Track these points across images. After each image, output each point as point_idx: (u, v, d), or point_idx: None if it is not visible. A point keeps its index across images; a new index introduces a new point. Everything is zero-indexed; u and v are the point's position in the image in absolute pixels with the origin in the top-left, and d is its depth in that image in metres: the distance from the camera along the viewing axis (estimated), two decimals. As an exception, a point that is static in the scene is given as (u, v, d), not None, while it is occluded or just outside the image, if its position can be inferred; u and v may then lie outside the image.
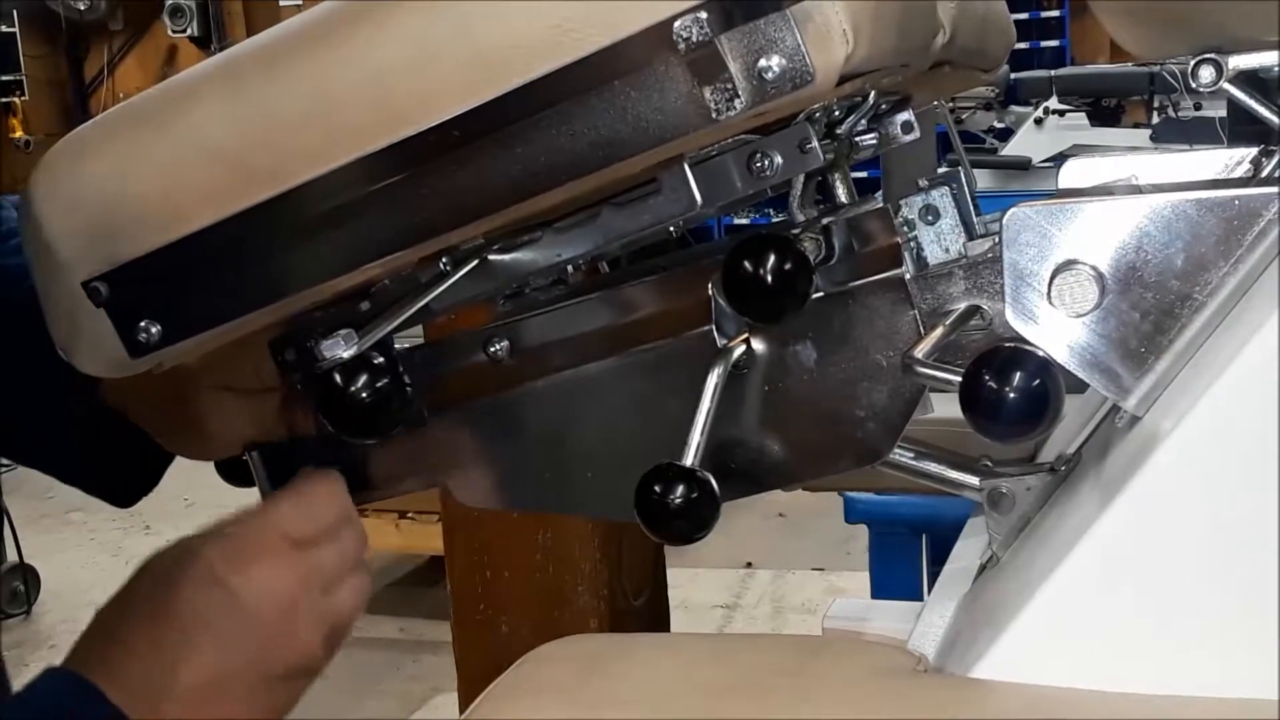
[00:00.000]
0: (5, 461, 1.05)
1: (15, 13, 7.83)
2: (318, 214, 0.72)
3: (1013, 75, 5.54)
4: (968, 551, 0.86)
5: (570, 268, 0.82)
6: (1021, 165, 5.30)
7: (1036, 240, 0.69)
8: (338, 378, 0.78)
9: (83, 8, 7.95)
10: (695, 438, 0.73)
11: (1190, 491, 0.67)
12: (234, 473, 0.97)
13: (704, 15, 0.63)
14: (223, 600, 0.76)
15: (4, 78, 7.94)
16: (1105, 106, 5.71)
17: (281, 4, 6.93)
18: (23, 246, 0.79)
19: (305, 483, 0.83)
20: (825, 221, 0.78)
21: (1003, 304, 0.71)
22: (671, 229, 0.79)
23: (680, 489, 0.71)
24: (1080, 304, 0.69)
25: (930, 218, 0.81)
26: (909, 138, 0.92)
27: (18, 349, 0.84)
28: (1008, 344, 0.69)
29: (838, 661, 0.78)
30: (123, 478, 1.01)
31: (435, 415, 0.86)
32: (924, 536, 2.23)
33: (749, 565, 4.30)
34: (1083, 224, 0.69)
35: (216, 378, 0.93)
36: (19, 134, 7.92)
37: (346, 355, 0.78)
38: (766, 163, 0.72)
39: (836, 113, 0.79)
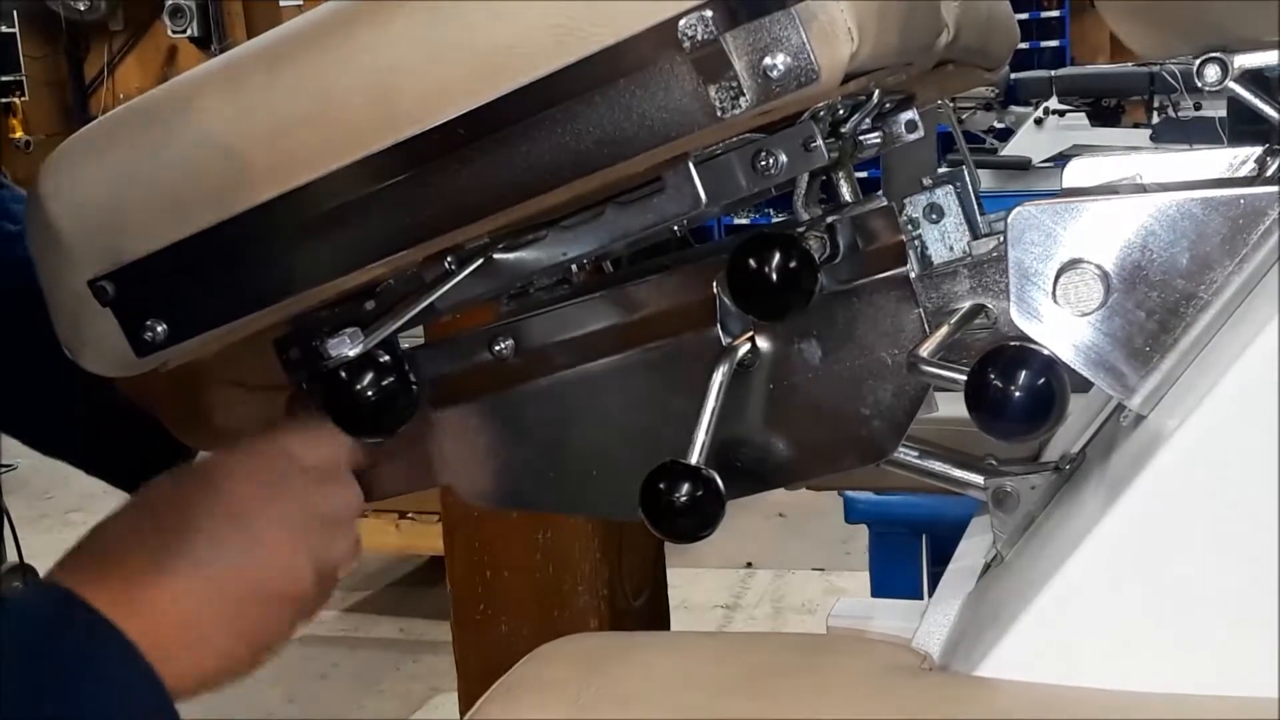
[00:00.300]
0: (6, 462, 1.05)
1: (15, 13, 7.83)
2: (322, 213, 0.72)
3: (1013, 75, 5.54)
4: (972, 550, 0.86)
5: (575, 267, 0.82)
6: (1021, 165, 5.30)
7: (1041, 239, 0.69)
8: (343, 376, 0.78)
9: (83, 8, 7.95)
10: (700, 436, 0.73)
11: (1194, 490, 0.67)
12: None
13: (709, 14, 0.63)
14: (219, 506, 0.74)
15: (4, 78, 7.95)
16: (1105, 106, 5.72)
17: (282, 4, 6.93)
18: (29, 246, 0.79)
19: (314, 421, 0.81)
20: (830, 220, 0.78)
21: (1008, 303, 0.71)
22: (675, 228, 0.79)
23: (685, 487, 0.71)
24: (1085, 303, 0.69)
25: (934, 216, 0.81)
26: (913, 136, 0.92)
27: (36, 336, 0.84)
28: (1013, 343, 0.69)
29: (842, 660, 0.78)
30: (145, 469, 1.01)
31: (440, 414, 0.86)
32: (924, 536, 2.23)
33: (749, 565, 4.30)
34: (1087, 223, 0.69)
35: (229, 372, 0.93)
36: (19, 134, 7.92)
37: (352, 354, 0.78)
38: (771, 161, 0.72)
39: (840, 111, 0.80)
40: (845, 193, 0.84)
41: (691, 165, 0.73)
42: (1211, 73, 0.72)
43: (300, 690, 3.70)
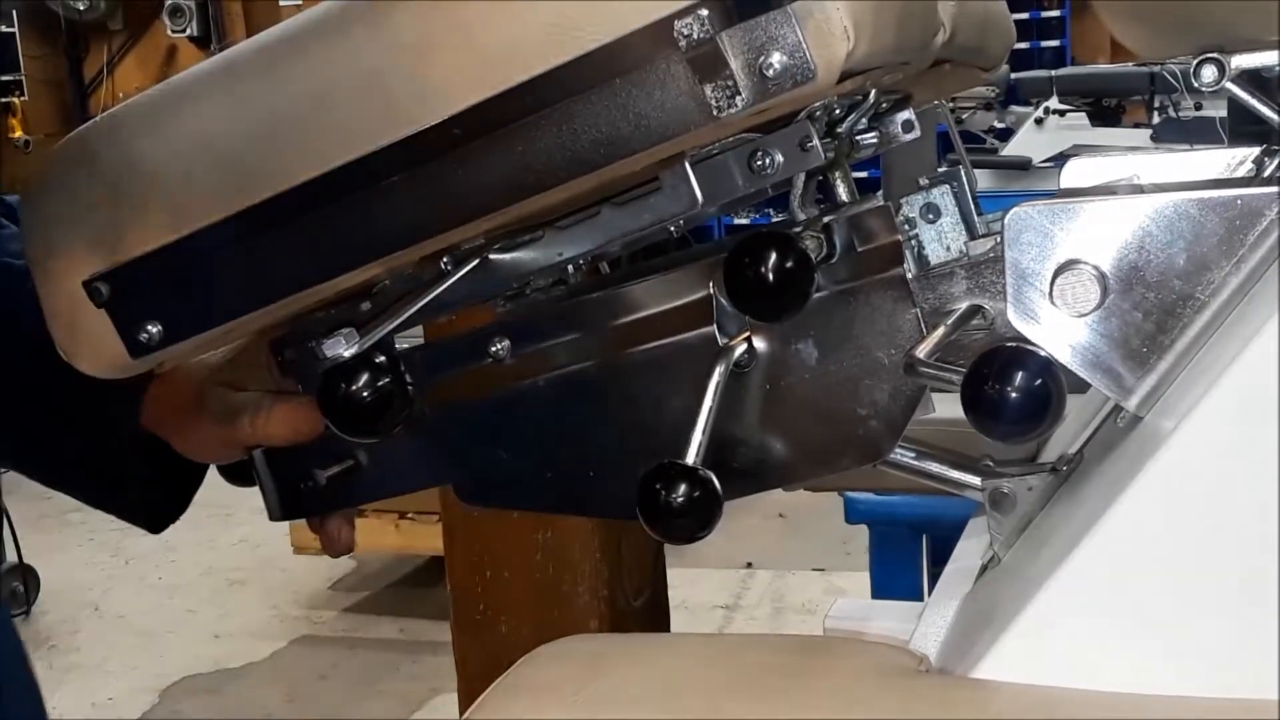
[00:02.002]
0: (7, 463, 1.05)
1: (15, 13, 7.84)
2: (318, 214, 0.72)
3: (1013, 75, 5.55)
4: (969, 551, 0.86)
5: (571, 267, 0.82)
6: (1022, 165, 5.30)
7: (1038, 240, 0.69)
8: (339, 378, 0.78)
9: (82, 8, 7.95)
10: (697, 436, 0.73)
11: (1192, 492, 0.67)
12: (235, 472, 0.97)
13: (705, 13, 0.63)
14: None
15: (3, 78, 7.95)
16: (1106, 106, 5.72)
17: (282, 4, 6.93)
18: (23, 247, 0.79)
19: None
20: (826, 220, 0.78)
21: (1004, 304, 0.70)
22: (672, 228, 0.79)
23: (682, 488, 0.70)
24: (1082, 304, 0.69)
25: (931, 216, 0.81)
26: (909, 136, 0.92)
27: (43, 376, 0.84)
28: (1009, 344, 0.69)
29: (838, 661, 0.77)
30: (152, 502, 1.01)
31: (436, 414, 0.86)
32: (924, 537, 2.23)
33: (749, 565, 4.30)
34: (1085, 223, 0.69)
35: (226, 376, 0.93)
36: (18, 134, 7.92)
37: (347, 354, 0.78)
38: (767, 161, 0.72)
39: (837, 111, 0.79)
40: (842, 193, 0.83)
41: (688, 165, 0.73)
42: (1208, 73, 0.72)
43: (300, 690, 3.70)
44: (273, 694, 3.66)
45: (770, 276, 0.72)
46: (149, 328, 0.76)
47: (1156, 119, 5.39)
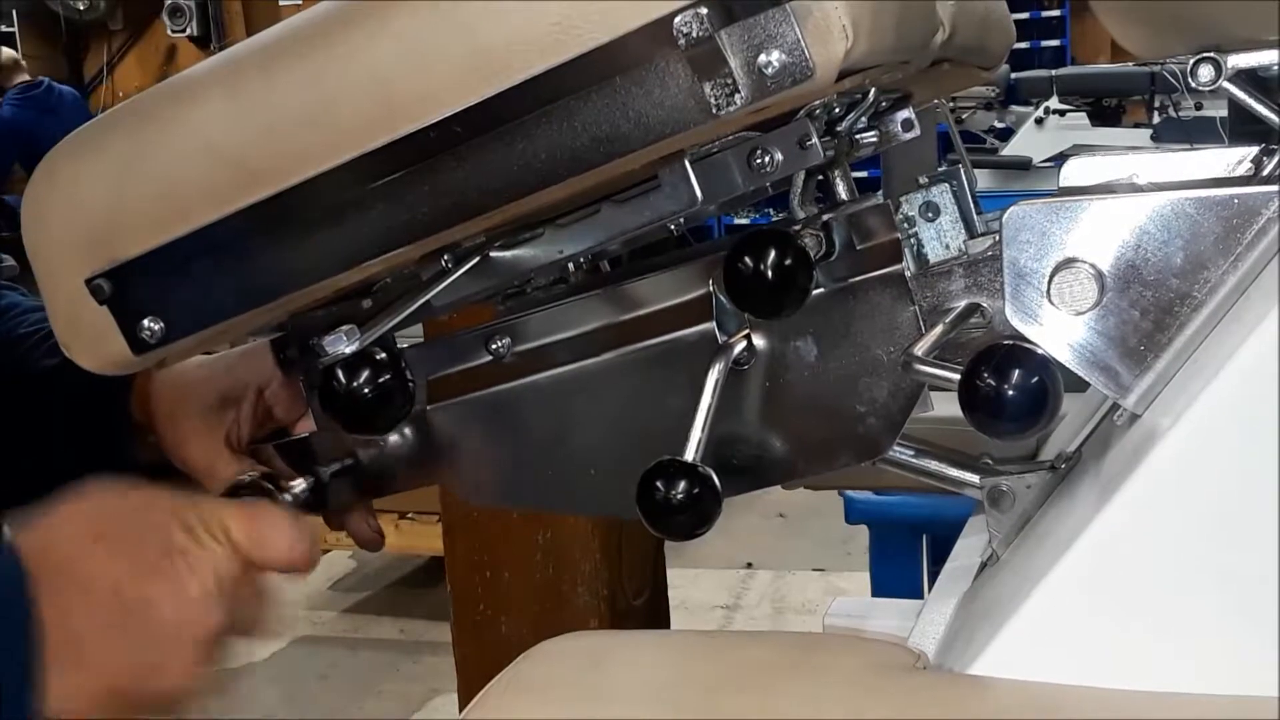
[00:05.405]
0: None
1: (14, 12, 7.84)
2: (319, 211, 0.72)
3: (1013, 75, 5.55)
4: (968, 549, 0.86)
5: (571, 265, 0.82)
6: (1022, 165, 5.30)
7: (1036, 238, 0.69)
8: (339, 374, 0.78)
9: (82, 7, 7.94)
10: (696, 433, 0.73)
11: (1189, 489, 0.67)
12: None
13: (704, 11, 0.63)
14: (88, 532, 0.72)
15: (4, 77, 7.94)
16: (1106, 106, 5.72)
17: (281, 4, 6.93)
18: (25, 245, 0.79)
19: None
20: (826, 218, 0.78)
21: (1003, 302, 0.71)
22: (672, 227, 0.79)
23: (682, 484, 0.71)
24: (1080, 302, 0.69)
25: (930, 214, 0.81)
26: (909, 135, 0.92)
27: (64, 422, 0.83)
28: (1007, 342, 0.69)
29: (837, 658, 0.78)
30: None
31: (437, 412, 0.86)
32: (924, 536, 2.23)
33: (749, 565, 4.30)
34: (1083, 222, 0.69)
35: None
36: (19, 133, 7.91)
37: (348, 351, 0.78)
38: (767, 159, 0.72)
39: (836, 110, 0.80)
40: (841, 191, 0.84)
41: (688, 163, 0.73)
42: (1205, 72, 0.72)
43: (300, 690, 3.70)
44: (273, 694, 3.66)
45: (769, 274, 0.72)
46: (151, 324, 0.76)
47: (1157, 119, 5.39)
